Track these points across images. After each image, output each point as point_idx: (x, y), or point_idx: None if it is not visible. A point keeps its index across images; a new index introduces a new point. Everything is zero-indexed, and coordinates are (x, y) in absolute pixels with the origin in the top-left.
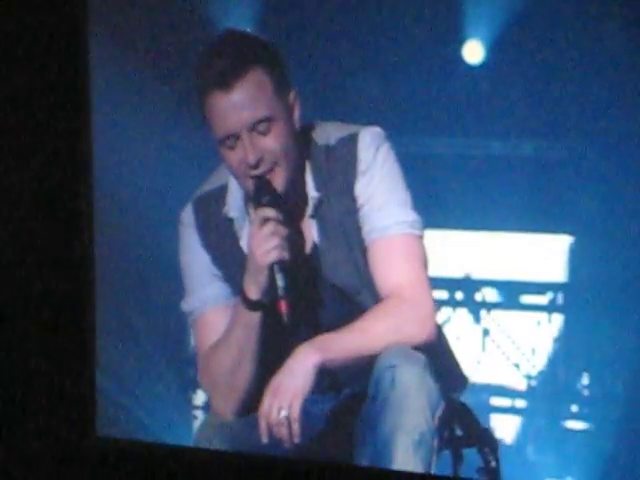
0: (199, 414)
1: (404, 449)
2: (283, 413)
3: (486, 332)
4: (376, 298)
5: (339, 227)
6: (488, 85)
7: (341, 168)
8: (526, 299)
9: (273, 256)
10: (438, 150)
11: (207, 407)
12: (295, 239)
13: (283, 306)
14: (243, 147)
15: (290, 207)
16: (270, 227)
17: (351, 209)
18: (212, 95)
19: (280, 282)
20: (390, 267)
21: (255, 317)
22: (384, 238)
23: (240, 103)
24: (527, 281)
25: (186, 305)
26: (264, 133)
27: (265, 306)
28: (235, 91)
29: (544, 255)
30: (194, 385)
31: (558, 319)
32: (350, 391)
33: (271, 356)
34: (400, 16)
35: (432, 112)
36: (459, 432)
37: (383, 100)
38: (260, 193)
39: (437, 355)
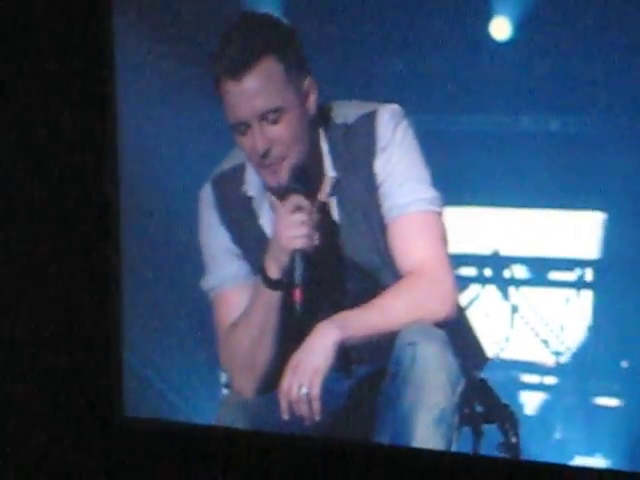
0: (226, 392)
1: (424, 426)
2: (303, 390)
3: (515, 309)
4: (396, 275)
5: (359, 205)
6: (515, 62)
7: (360, 146)
8: (555, 276)
9: (299, 243)
10: (467, 127)
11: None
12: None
13: (297, 294)
14: (253, 135)
15: (312, 187)
16: (302, 216)
17: (370, 187)
18: (224, 83)
19: (299, 270)
20: (410, 244)
21: (275, 296)
22: (403, 215)
23: (250, 92)
24: (556, 257)
25: (205, 283)
26: (274, 122)
27: (285, 285)
28: (246, 80)
29: (573, 232)
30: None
31: (587, 295)
32: (370, 368)
33: (291, 334)
34: None
35: (459, 89)
36: (479, 408)
37: (410, 77)
38: (295, 180)
39: (457, 332)
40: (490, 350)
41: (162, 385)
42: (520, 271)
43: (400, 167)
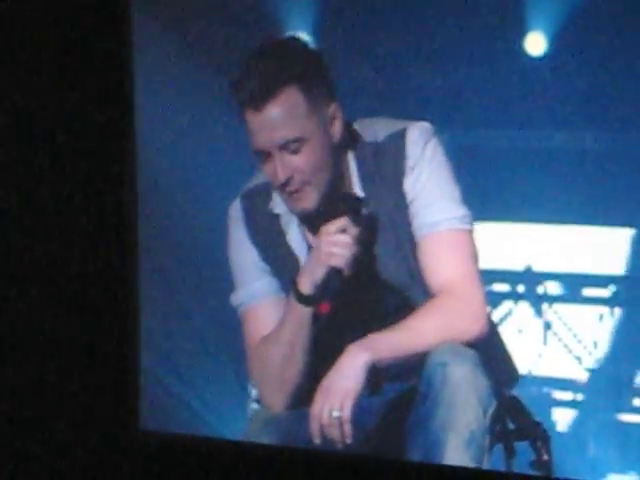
0: (255, 406)
1: (454, 447)
2: (335, 414)
3: (548, 325)
4: (426, 294)
5: (388, 223)
6: (550, 77)
7: (390, 164)
8: (588, 292)
9: (338, 261)
10: (501, 143)
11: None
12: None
13: (324, 308)
14: (273, 164)
15: (336, 207)
16: (346, 238)
17: (400, 205)
18: (246, 112)
19: (332, 287)
20: (440, 263)
21: (306, 312)
22: (434, 234)
23: (271, 123)
24: (589, 274)
25: (235, 299)
26: (295, 152)
27: (316, 301)
28: (266, 111)
29: (607, 248)
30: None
31: (620, 312)
32: (400, 389)
33: (322, 350)
34: (462, 7)
35: (494, 104)
36: (511, 426)
37: (444, 93)
38: (348, 205)
39: (489, 350)
40: (522, 367)
41: (190, 398)
42: (553, 287)
43: (430, 185)
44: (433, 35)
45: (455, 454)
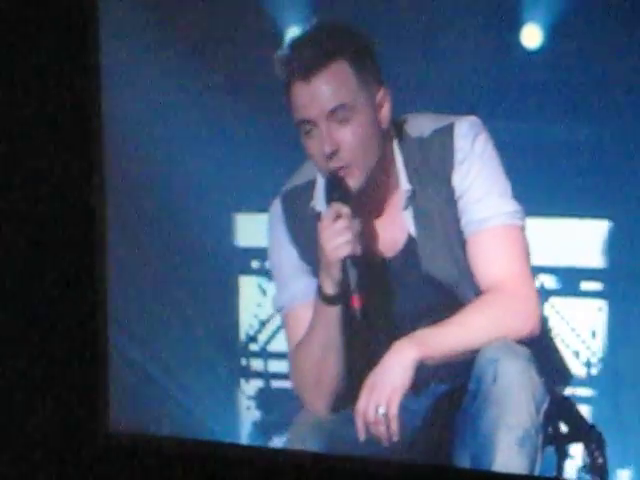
0: (251, 404)
1: (507, 446)
2: (381, 411)
3: (544, 320)
4: (475, 290)
5: (436, 218)
6: (546, 70)
7: (437, 159)
8: (585, 285)
9: (344, 251)
10: (497, 135)
11: (260, 397)
12: (385, 233)
13: (356, 301)
14: (320, 136)
15: (380, 201)
16: (342, 223)
17: (449, 200)
18: (294, 85)
19: (353, 277)
20: (491, 260)
21: (334, 312)
22: (484, 230)
23: (320, 91)
24: (586, 267)
25: (276, 302)
26: (343, 123)
27: (342, 300)
28: (316, 81)
29: (604, 240)
30: (247, 375)
31: (618, 306)
32: (449, 387)
33: (364, 349)
34: (457, 1)
35: (488, 97)
36: (564, 428)
37: (438, 86)
38: (332, 188)
39: (540, 349)
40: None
41: (181, 394)
42: (549, 281)
43: (480, 180)
44: (427, 28)
45: (508, 453)
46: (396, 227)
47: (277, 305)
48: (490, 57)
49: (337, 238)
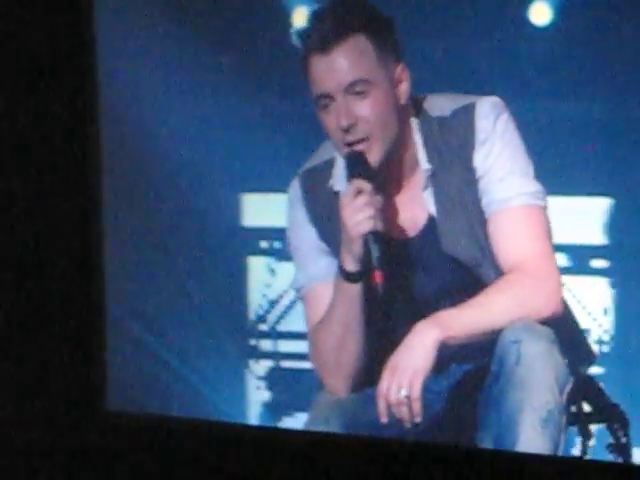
0: (261, 384)
1: (531, 427)
2: (403, 392)
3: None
4: (497, 271)
5: (457, 198)
6: (555, 47)
7: (458, 139)
8: (596, 263)
9: (366, 226)
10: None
11: (269, 378)
12: (406, 212)
13: (378, 277)
14: (337, 109)
15: (400, 180)
16: (363, 198)
17: (470, 180)
18: (312, 58)
19: (375, 253)
20: (513, 240)
21: (355, 289)
22: (506, 210)
23: (338, 65)
24: (597, 245)
25: (295, 282)
26: (360, 97)
27: (363, 277)
28: (334, 53)
29: (613, 219)
30: (256, 355)
31: (630, 283)
32: (472, 367)
33: (380, 329)
34: None
35: (497, 74)
36: (587, 408)
37: (447, 63)
38: (353, 165)
39: (563, 329)
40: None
41: (192, 375)
42: (560, 259)
43: (501, 160)
44: (435, 5)
45: (531, 434)
46: (417, 206)
47: (297, 285)
48: (499, 33)
49: (358, 214)
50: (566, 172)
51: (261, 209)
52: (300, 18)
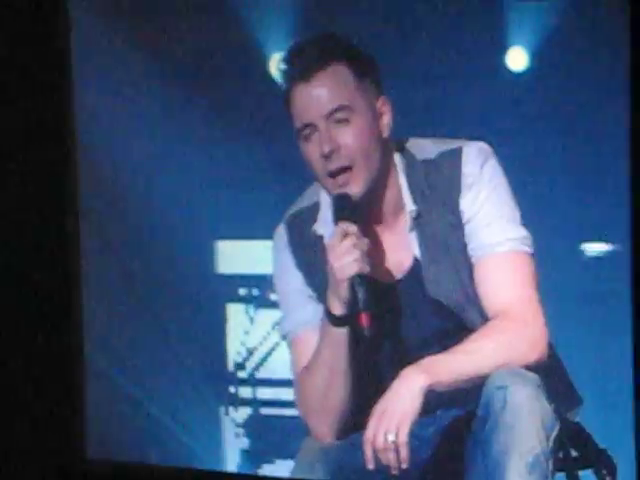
0: (240, 431)
1: (517, 473)
2: (390, 438)
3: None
4: (482, 315)
5: (442, 242)
6: (531, 92)
7: (443, 182)
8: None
9: (353, 269)
10: None
11: (249, 425)
12: (392, 254)
13: (364, 319)
14: (319, 137)
15: (386, 222)
16: (350, 240)
17: (455, 224)
18: (293, 88)
19: (361, 295)
20: (499, 286)
21: (342, 334)
22: (492, 255)
23: (319, 92)
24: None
25: (281, 328)
26: (342, 124)
27: (350, 321)
28: (315, 82)
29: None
30: (235, 402)
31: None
32: (458, 413)
33: (366, 374)
34: (442, 23)
35: (474, 119)
36: (574, 453)
37: (423, 109)
38: (339, 207)
39: (549, 375)
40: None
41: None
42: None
43: (488, 205)
44: (412, 50)
45: (518, 479)
46: (402, 248)
47: (283, 331)
48: (475, 79)
49: (345, 256)
50: (539, 212)
51: (238, 256)
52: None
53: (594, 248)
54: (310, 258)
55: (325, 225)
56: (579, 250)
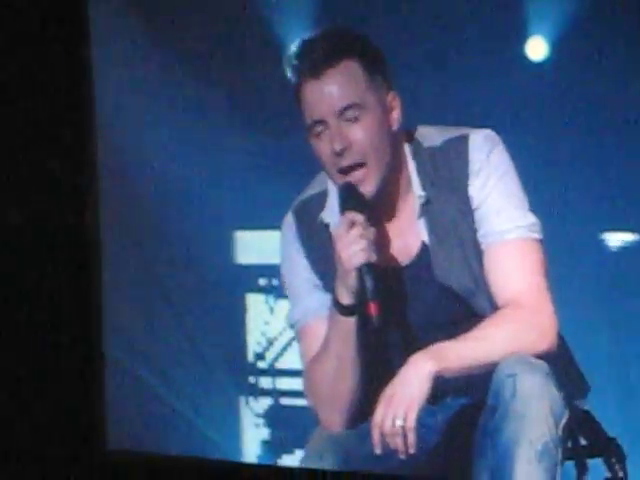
0: (260, 422)
1: (526, 460)
2: (398, 423)
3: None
4: (490, 302)
5: (451, 228)
6: (552, 82)
7: (450, 169)
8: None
9: (360, 258)
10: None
11: (269, 415)
12: (399, 240)
13: (373, 308)
14: (330, 134)
15: (393, 208)
16: (357, 230)
17: (464, 210)
18: (304, 84)
19: (369, 284)
20: (508, 273)
21: (350, 323)
22: (502, 242)
23: (330, 89)
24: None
25: (290, 317)
26: (353, 121)
27: (358, 310)
28: (326, 78)
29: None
30: (255, 392)
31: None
32: (467, 402)
33: (377, 363)
34: (462, 13)
35: (494, 109)
36: (583, 441)
37: (445, 99)
38: (345, 197)
39: (557, 363)
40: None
41: (190, 412)
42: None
43: (497, 192)
44: (432, 41)
45: (527, 467)
46: (410, 234)
47: (291, 320)
48: (496, 69)
49: (352, 246)
50: (560, 205)
51: (257, 246)
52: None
53: (615, 238)
54: (318, 247)
55: (332, 213)
56: (600, 239)
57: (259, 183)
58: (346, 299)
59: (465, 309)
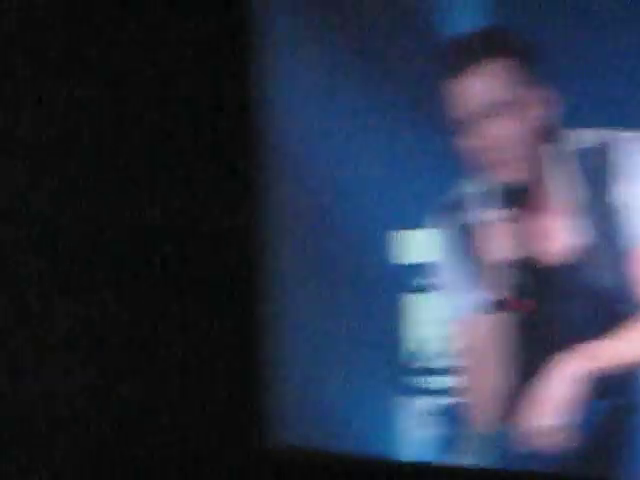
0: (418, 421)
1: None
2: (548, 422)
3: None
4: (635, 303)
5: (601, 229)
6: None
7: (599, 172)
8: None
9: (511, 255)
10: None
11: (426, 414)
12: (551, 240)
13: (523, 305)
14: (476, 132)
15: (545, 207)
16: (506, 227)
17: (611, 212)
18: (450, 82)
19: (520, 281)
20: None
21: (498, 320)
22: None
23: (478, 86)
24: None
25: (444, 314)
26: (499, 119)
27: (509, 307)
28: (475, 76)
29: None
30: (412, 392)
31: None
32: (618, 402)
33: (525, 359)
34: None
35: None
36: None
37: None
38: (498, 195)
39: None
40: None
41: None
42: None
43: None
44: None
45: None
46: (561, 235)
47: (446, 317)
48: None
49: (501, 243)
50: None
51: (413, 246)
52: None
53: None
54: (472, 244)
55: (484, 212)
56: None
57: (414, 181)
58: (497, 296)
59: (611, 310)
